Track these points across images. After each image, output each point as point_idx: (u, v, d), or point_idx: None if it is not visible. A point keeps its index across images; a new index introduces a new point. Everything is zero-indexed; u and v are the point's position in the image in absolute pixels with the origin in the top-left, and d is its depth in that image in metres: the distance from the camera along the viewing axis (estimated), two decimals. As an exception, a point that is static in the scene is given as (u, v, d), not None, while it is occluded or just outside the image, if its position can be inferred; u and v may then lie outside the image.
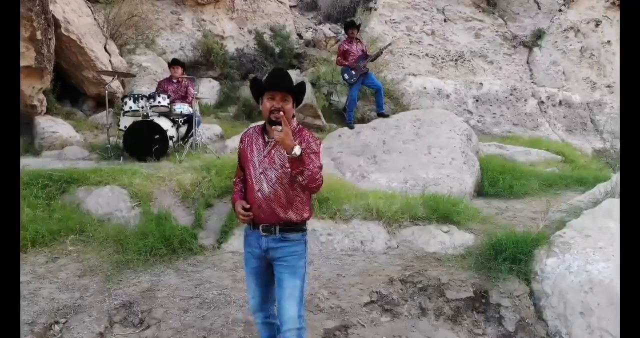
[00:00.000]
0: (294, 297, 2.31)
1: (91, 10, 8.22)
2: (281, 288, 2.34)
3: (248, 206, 2.35)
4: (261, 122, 2.53)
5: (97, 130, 7.60)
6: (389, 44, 7.95)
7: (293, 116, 2.39)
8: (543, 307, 3.46)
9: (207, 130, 7.71)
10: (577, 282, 3.35)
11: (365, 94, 9.40)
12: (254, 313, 2.56)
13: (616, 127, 10.63)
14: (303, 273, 2.37)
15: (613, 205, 4.07)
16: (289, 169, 2.24)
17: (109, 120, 6.53)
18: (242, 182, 2.50)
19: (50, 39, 6.74)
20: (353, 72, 7.13)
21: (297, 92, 2.35)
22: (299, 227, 2.40)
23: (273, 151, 2.35)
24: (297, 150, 2.11)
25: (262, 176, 2.34)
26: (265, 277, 2.46)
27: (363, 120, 8.91)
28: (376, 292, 3.57)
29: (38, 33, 6.24)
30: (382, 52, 7.50)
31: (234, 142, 7.23)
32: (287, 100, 2.29)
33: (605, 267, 3.32)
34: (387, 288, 3.61)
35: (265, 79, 2.33)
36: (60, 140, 6.77)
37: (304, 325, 2.36)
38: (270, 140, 2.36)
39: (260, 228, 2.35)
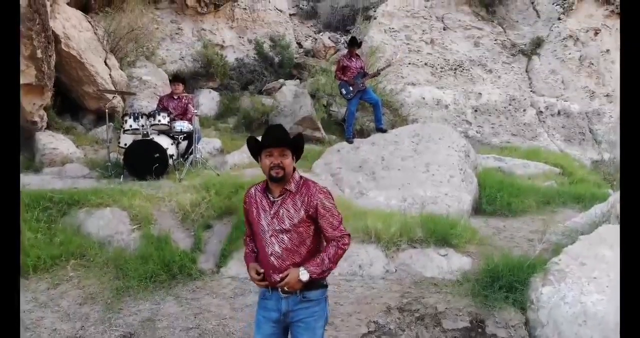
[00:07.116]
0: None
1: (91, 24, 8.25)
2: None
3: (262, 271, 2.30)
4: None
5: (97, 145, 7.64)
6: (388, 65, 7.96)
7: (294, 169, 2.34)
8: (538, 337, 3.50)
9: (206, 144, 7.75)
10: (572, 314, 3.39)
11: (365, 106, 9.40)
12: None
13: (615, 136, 10.67)
14: (321, 333, 2.34)
15: (609, 232, 4.12)
16: (300, 228, 2.25)
17: (109, 136, 6.56)
18: (252, 241, 2.46)
19: (50, 56, 6.78)
20: (350, 88, 7.17)
21: (294, 146, 2.30)
22: (320, 282, 2.33)
23: (281, 211, 2.29)
24: (304, 277, 2.18)
25: (272, 239, 2.28)
26: None
27: (362, 132, 8.93)
28: (374, 322, 3.61)
29: (38, 51, 6.29)
30: (380, 72, 7.55)
31: (233, 158, 7.27)
32: (285, 155, 2.25)
33: (600, 299, 3.36)
34: (384, 318, 3.65)
35: (262, 137, 2.29)
36: (60, 156, 6.81)
37: None
38: (275, 199, 2.31)
39: (280, 289, 2.27)
